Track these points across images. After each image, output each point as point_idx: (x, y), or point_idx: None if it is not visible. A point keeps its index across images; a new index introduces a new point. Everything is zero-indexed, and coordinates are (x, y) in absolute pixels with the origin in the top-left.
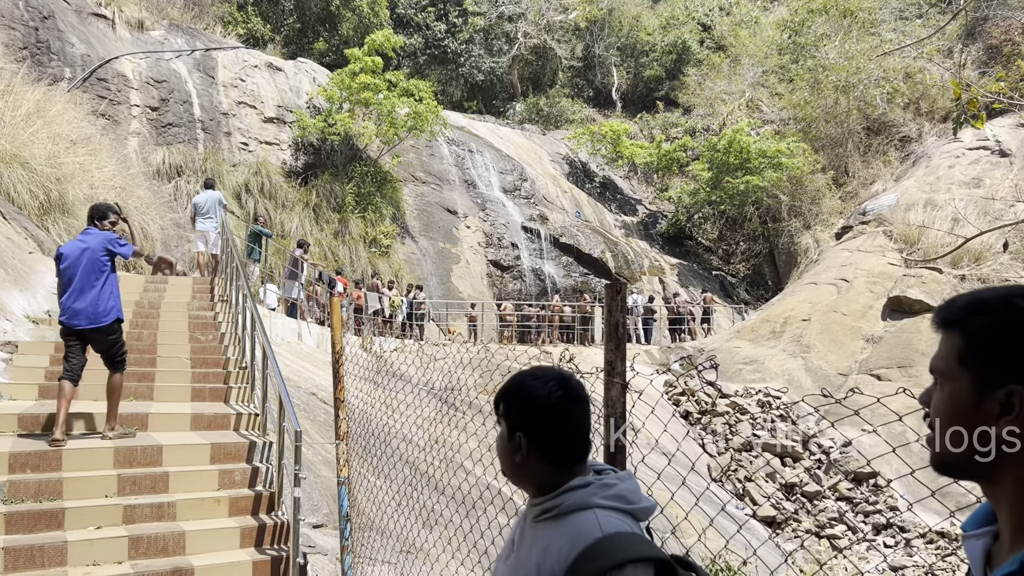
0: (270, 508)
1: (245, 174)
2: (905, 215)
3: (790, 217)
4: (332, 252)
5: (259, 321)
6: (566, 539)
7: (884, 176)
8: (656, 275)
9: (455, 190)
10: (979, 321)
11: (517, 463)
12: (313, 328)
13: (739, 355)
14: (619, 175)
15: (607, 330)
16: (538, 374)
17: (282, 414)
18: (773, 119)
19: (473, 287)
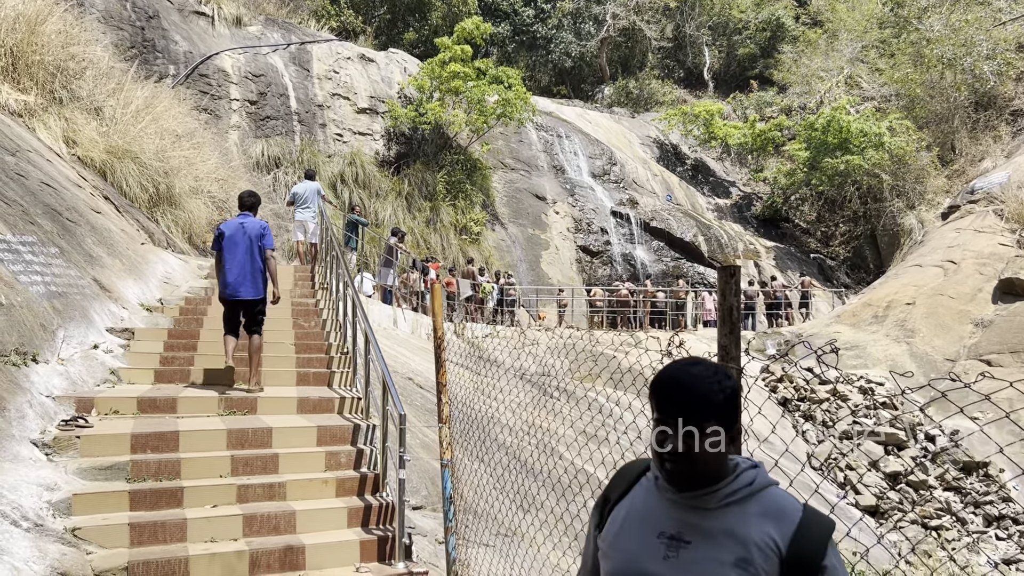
0: (375, 489)
1: (340, 164)
2: (1018, 193)
3: (892, 197)
4: (424, 240)
5: (360, 308)
6: (776, 512)
7: (994, 153)
8: (751, 259)
9: (544, 176)
10: None
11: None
12: (408, 314)
13: (840, 340)
14: (711, 157)
15: (721, 314)
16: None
17: (385, 398)
18: (874, 96)
19: (562, 273)
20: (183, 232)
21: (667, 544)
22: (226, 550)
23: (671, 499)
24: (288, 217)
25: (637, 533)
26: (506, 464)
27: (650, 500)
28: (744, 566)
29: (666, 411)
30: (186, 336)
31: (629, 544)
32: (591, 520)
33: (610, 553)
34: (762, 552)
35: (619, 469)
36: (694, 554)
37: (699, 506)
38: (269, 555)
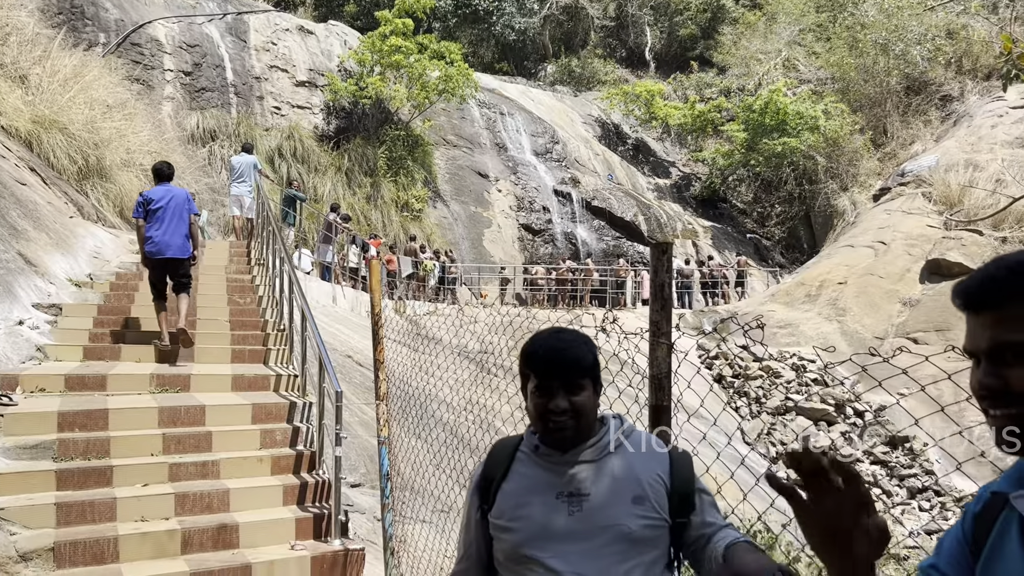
0: (311, 467)
1: (278, 138)
2: (945, 176)
3: (827, 179)
4: (364, 216)
5: (297, 284)
6: (651, 451)
7: (924, 136)
8: (690, 238)
9: (486, 153)
10: None
11: (596, 413)
12: (347, 292)
13: (773, 319)
14: (652, 137)
15: (653, 290)
16: (578, 333)
17: (322, 375)
18: (810, 79)
19: (504, 251)
20: (114, 206)
21: (568, 501)
22: (157, 529)
23: (556, 462)
24: (224, 191)
25: (535, 500)
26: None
27: (535, 471)
28: (641, 502)
29: (548, 375)
30: (117, 312)
31: (530, 511)
32: (471, 504)
33: (511, 526)
34: (652, 487)
35: (491, 450)
36: (596, 503)
37: (585, 460)
38: (202, 534)
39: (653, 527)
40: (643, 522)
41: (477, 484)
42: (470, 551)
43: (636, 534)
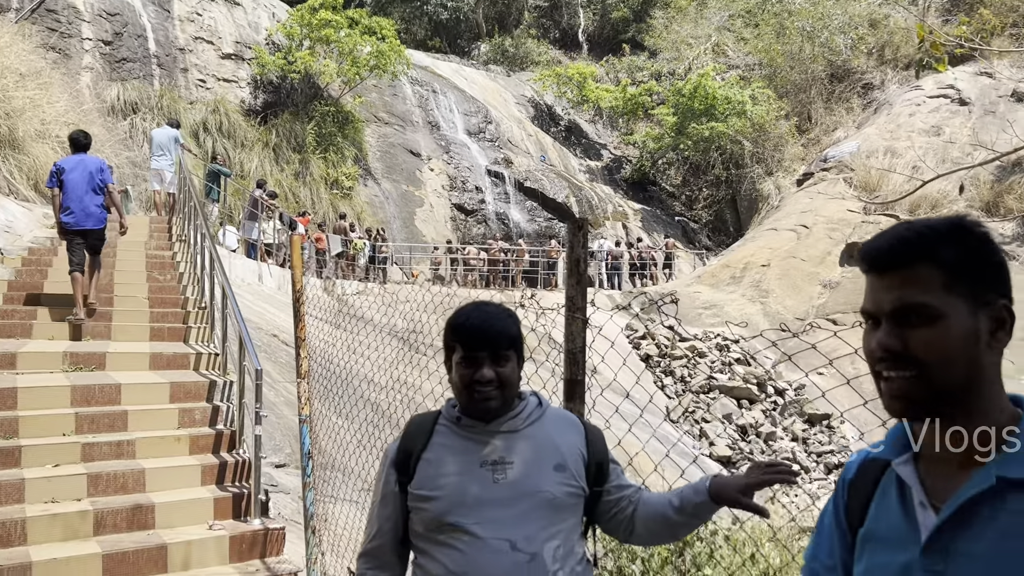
0: (231, 447)
1: (203, 112)
2: (865, 162)
3: (753, 163)
4: (293, 193)
5: (218, 261)
6: (568, 424)
7: (846, 123)
8: (620, 220)
9: (418, 132)
10: (951, 249)
11: (519, 384)
12: (274, 270)
13: (699, 300)
14: (584, 119)
15: (569, 266)
16: (501, 306)
17: (242, 353)
18: (738, 64)
19: (436, 231)
20: (27, 179)
21: (492, 469)
22: (68, 510)
23: (479, 433)
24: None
25: (459, 469)
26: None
27: (457, 441)
28: (562, 469)
29: (476, 346)
30: (29, 288)
31: (453, 480)
32: (388, 479)
33: (433, 495)
34: (572, 457)
35: (408, 424)
36: (520, 470)
37: (508, 430)
38: (116, 515)
39: (574, 494)
40: (566, 489)
41: (394, 459)
42: (385, 527)
43: (559, 500)
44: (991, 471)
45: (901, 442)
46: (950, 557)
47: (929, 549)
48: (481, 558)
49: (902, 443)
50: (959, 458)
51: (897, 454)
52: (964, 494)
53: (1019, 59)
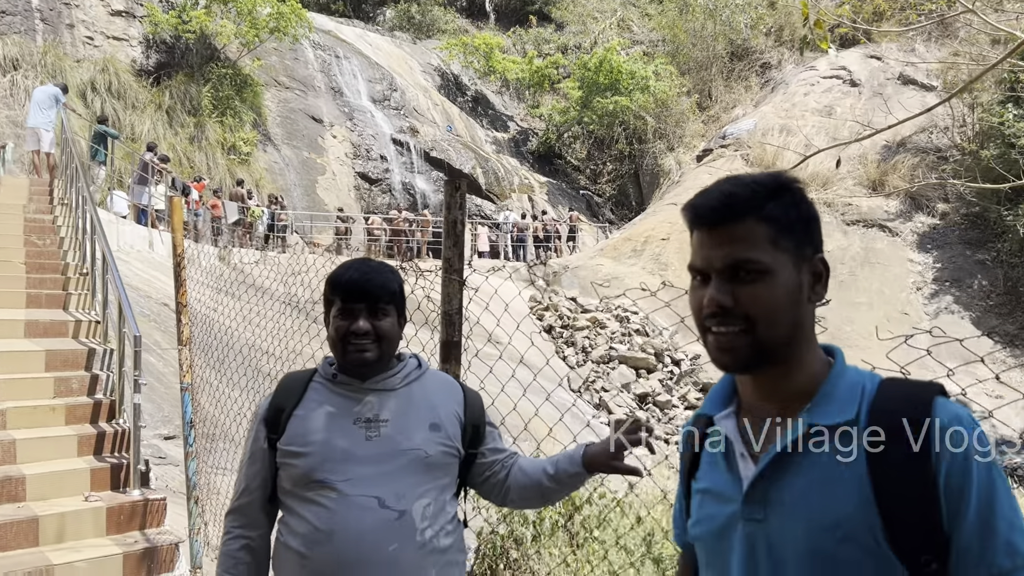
0: (111, 416)
1: (91, 71)
2: (761, 139)
3: (655, 139)
4: (187, 158)
5: (99, 224)
6: (448, 386)
7: (744, 101)
8: (526, 193)
9: (321, 97)
10: (777, 205)
11: (398, 342)
12: (166, 237)
13: (601, 272)
14: (491, 90)
15: (446, 227)
16: (383, 263)
17: (122, 320)
18: (643, 40)
19: (339, 199)
20: None
21: (366, 427)
22: None
23: (355, 390)
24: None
25: (331, 426)
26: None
27: (331, 398)
28: (437, 429)
29: (354, 299)
30: None
31: (325, 437)
32: (258, 435)
33: (304, 451)
34: (448, 418)
35: (281, 381)
36: (394, 428)
37: (386, 388)
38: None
39: (448, 454)
40: (440, 448)
41: (264, 415)
42: (253, 484)
43: (433, 459)
44: (802, 420)
45: (725, 397)
46: (769, 505)
47: (749, 499)
48: (348, 515)
49: (726, 397)
50: (777, 409)
51: (720, 409)
52: (779, 444)
53: (907, 43)
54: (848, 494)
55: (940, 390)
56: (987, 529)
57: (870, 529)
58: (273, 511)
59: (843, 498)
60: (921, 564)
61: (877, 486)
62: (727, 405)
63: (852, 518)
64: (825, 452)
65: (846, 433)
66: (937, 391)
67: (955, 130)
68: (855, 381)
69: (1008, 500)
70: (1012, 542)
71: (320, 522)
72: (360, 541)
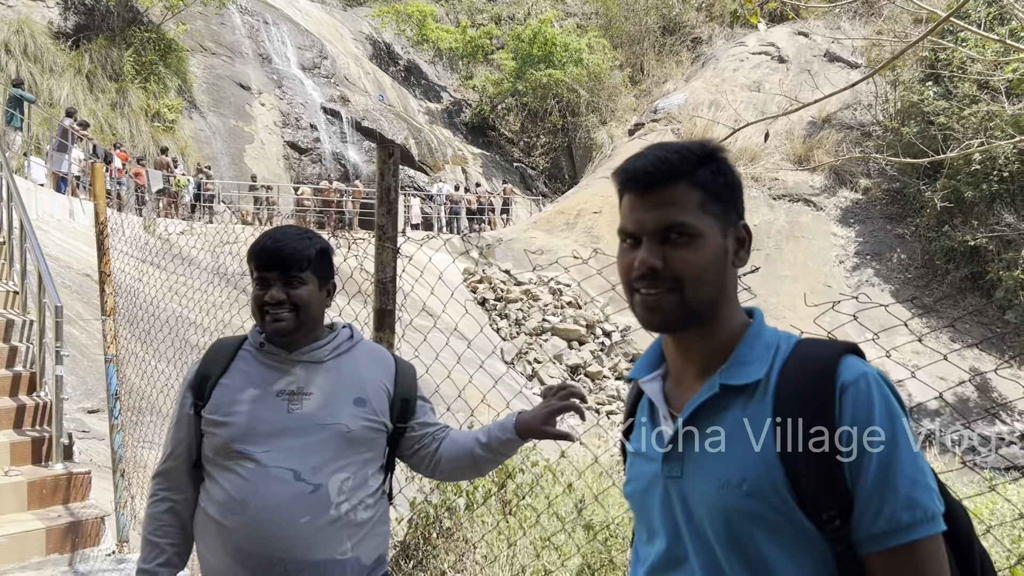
0: (31, 389)
1: (4, 32)
2: (692, 113)
3: (588, 112)
4: (109, 124)
5: (16, 192)
6: (378, 358)
7: (676, 76)
8: (459, 164)
9: (248, 64)
10: (706, 171)
11: (321, 311)
12: (87, 206)
13: (534, 245)
14: (424, 60)
15: (379, 194)
16: (303, 229)
17: (42, 290)
18: (576, 13)
19: (268, 169)
20: None
21: (288, 399)
22: None
23: (280, 361)
24: None
25: (254, 396)
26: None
27: (257, 368)
28: (363, 404)
29: (267, 267)
30: None
31: (247, 408)
32: (184, 401)
33: (226, 420)
34: (375, 392)
35: (211, 347)
36: (317, 401)
37: (312, 360)
38: None
39: (372, 429)
40: (363, 423)
41: (191, 381)
42: (178, 449)
43: (354, 434)
44: (716, 380)
45: (653, 361)
46: (685, 463)
47: (668, 457)
48: (262, 486)
49: (654, 362)
50: (697, 370)
51: (647, 373)
52: (694, 403)
53: (833, 21)
54: (754, 451)
55: (851, 348)
56: (887, 485)
57: (774, 485)
58: (199, 476)
59: (749, 455)
60: (824, 521)
61: (782, 443)
62: (654, 369)
63: (757, 474)
64: (735, 411)
65: (755, 391)
66: (847, 349)
67: (878, 107)
68: (770, 341)
69: (910, 456)
70: (912, 497)
71: (236, 491)
72: (273, 512)
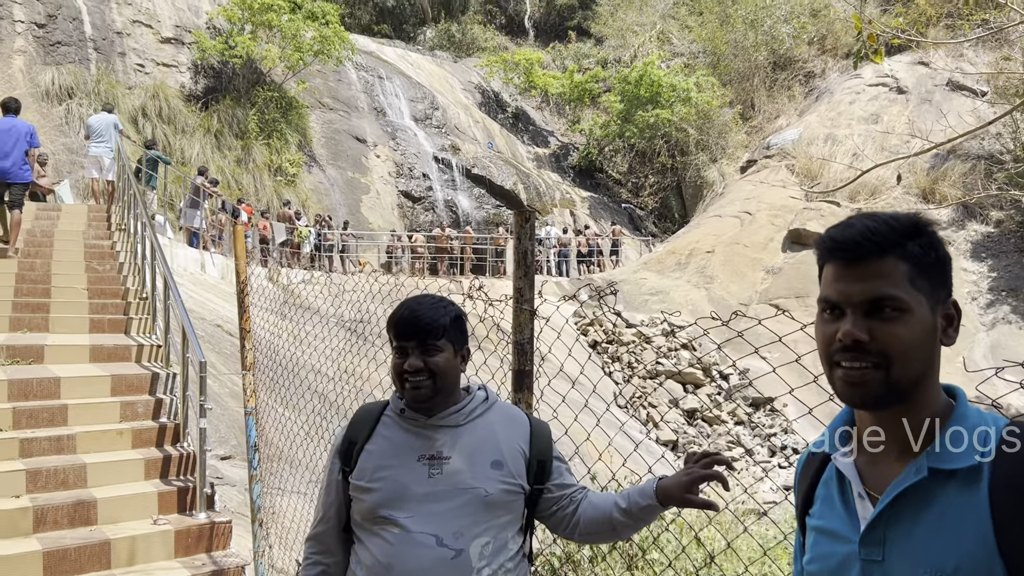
0: (175, 440)
1: (142, 97)
2: (807, 149)
3: (697, 151)
4: (235, 180)
5: (159, 249)
6: (513, 420)
7: (788, 111)
8: (567, 207)
9: (364, 118)
10: (914, 244)
11: (457, 376)
12: (217, 259)
13: (645, 286)
14: (531, 106)
15: (516, 257)
16: (439, 297)
17: (186, 345)
18: (683, 52)
19: (383, 218)
20: None
21: (429, 464)
22: (8, 507)
23: (421, 426)
24: (83, 153)
25: (397, 462)
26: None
27: (399, 434)
28: (500, 467)
29: (405, 336)
30: None
31: (391, 473)
32: (333, 466)
33: (372, 487)
34: (512, 454)
35: (355, 414)
36: (456, 466)
37: (449, 424)
38: (57, 511)
39: (510, 492)
40: (501, 486)
41: (338, 447)
42: (328, 513)
43: (493, 498)
44: (924, 463)
45: (841, 435)
46: (887, 547)
47: (867, 539)
48: (407, 551)
49: (842, 436)
50: (896, 449)
51: (837, 447)
52: (899, 485)
53: (954, 49)
54: (969, 538)
55: None
56: None
57: (991, 575)
58: (349, 539)
59: (964, 542)
60: None
61: (1000, 531)
62: (845, 443)
63: (973, 563)
64: (947, 495)
65: (969, 476)
66: None
67: (1008, 135)
68: (978, 423)
69: None
70: None
71: (382, 556)
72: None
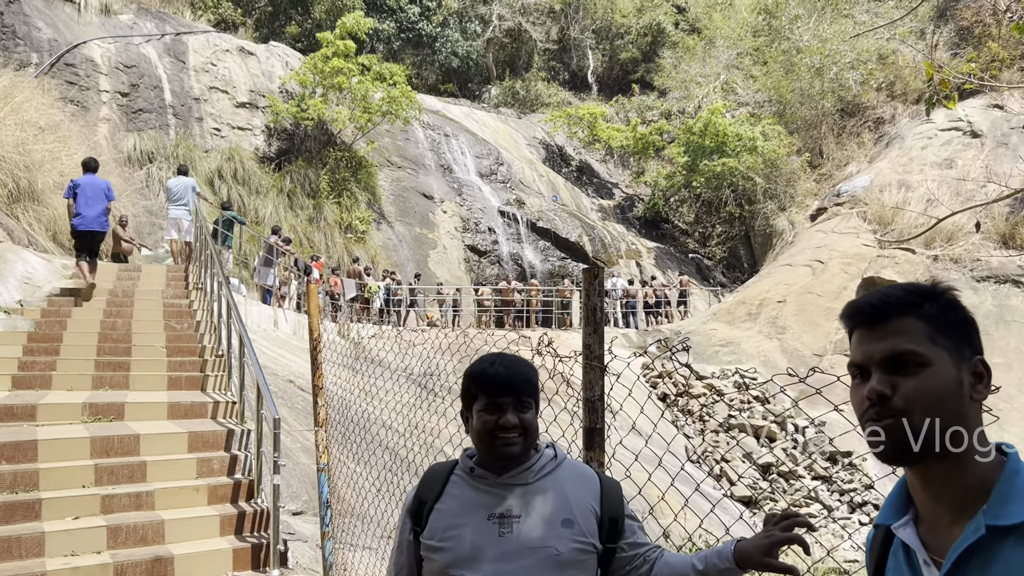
0: (249, 496)
1: (218, 160)
2: (879, 196)
3: (765, 199)
4: (307, 238)
5: (235, 308)
6: (583, 478)
7: (858, 158)
8: (633, 258)
9: (431, 175)
10: (931, 305)
11: (537, 430)
12: (289, 315)
13: (715, 337)
14: (595, 159)
15: (585, 314)
16: (519, 357)
17: (260, 401)
18: (748, 101)
19: (451, 272)
20: (46, 230)
21: (499, 523)
22: (88, 563)
23: (490, 485)
24: (163, 215)
25: (467, 521)
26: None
27: (468, 492)
28: (571, 525)
29: (501, 393)
30: (48, 339)
31: (461, 532)
32: (404, 526)
33: (443, 547)
34: (583, 512)
35: (426, 473)
36: (526, 525)
37: (519, 483)
38: (136, 567)
39: (582, 551)
40: (573, 545)
41: (409, 507)
42: (400, 573)
43: (564, 557)
44: (981, 521)
45: (901, 505)
46: None
47: None
48: None
49: (902, 506)
50: (952, 511)
51: (896, 518)
52: (959, 546)
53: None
54: None
55: None
56: None
57: None
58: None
59: None
60: None
61: None
62: (903, 513)
63: None
64: (1007, 552)
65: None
66: None
67: None
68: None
69: None
70: None
71: None
72: None
